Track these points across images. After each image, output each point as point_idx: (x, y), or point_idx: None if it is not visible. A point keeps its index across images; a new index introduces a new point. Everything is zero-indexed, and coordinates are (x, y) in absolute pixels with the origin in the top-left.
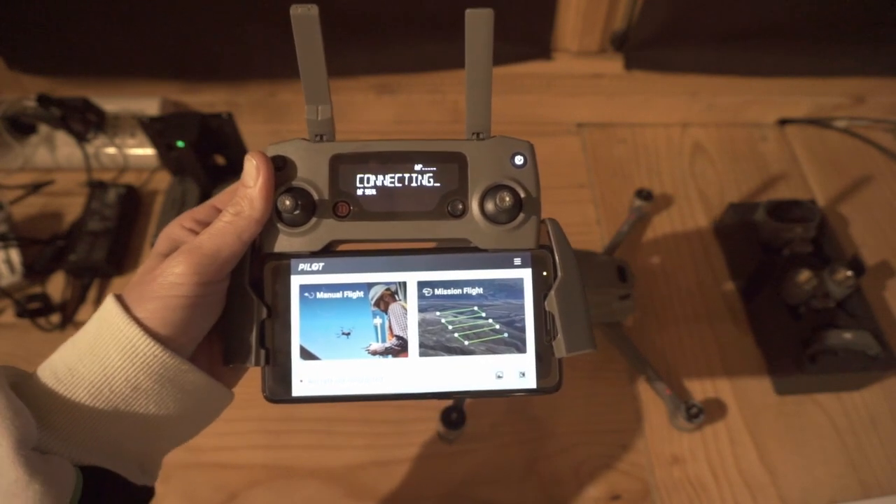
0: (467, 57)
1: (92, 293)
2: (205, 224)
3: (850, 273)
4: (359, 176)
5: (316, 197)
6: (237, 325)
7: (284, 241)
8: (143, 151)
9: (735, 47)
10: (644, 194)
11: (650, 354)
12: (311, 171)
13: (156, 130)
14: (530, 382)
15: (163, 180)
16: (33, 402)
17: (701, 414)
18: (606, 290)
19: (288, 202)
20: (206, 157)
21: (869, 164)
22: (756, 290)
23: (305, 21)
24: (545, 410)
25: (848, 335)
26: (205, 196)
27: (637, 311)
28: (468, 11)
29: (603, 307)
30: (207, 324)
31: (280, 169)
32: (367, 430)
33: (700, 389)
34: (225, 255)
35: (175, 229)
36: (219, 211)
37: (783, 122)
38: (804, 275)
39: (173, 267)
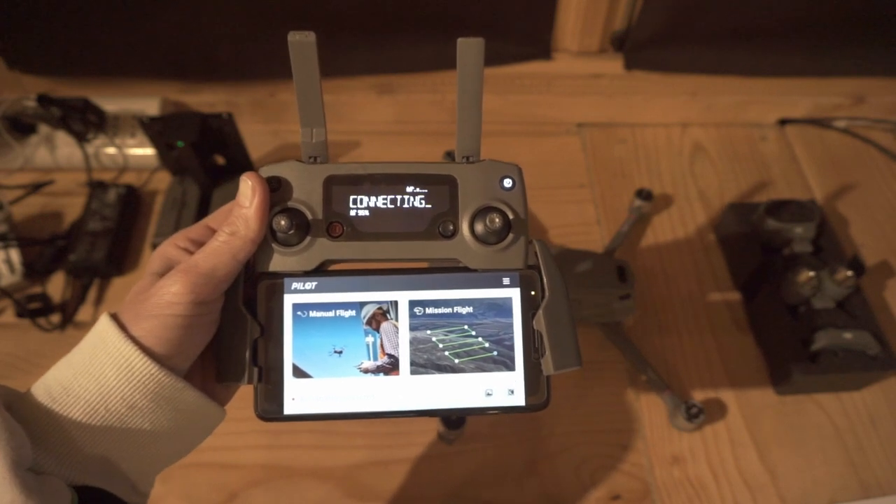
0: (458, 83)
1: (92, 293)
2: (199, 243)
3: (850, 273)
4: (352, 197)
5: (310, 217)
6: (230, 344)
7: (278, 261)
8: (143, 151)
9: (735, 47)
10: (644, 194)
11: (650, 354)
12: (306, 193)
13: (156, 130)
14: (519, 400)
15: (163, 180)
16: (28, 422)
17: (701, 414)
18: (606, 290)
19: (283, 222)
20: (206, 157)
21: (869, 165)
22: (756, 290)
23: (303, 47)
24: (545, 410)
25: (848, 335)
26: (205, 196)
27: (637, 312)
28: (460, 40)
29: (603, 307)
30: (202, 342)
31: (275, 190)
32: (367, 430)
33: (700, 389)
34: (220, 275)
35: (169, 248)
36: (212, 230)
37: (783, 122)
38: (804, 275)
39: (169, 286)
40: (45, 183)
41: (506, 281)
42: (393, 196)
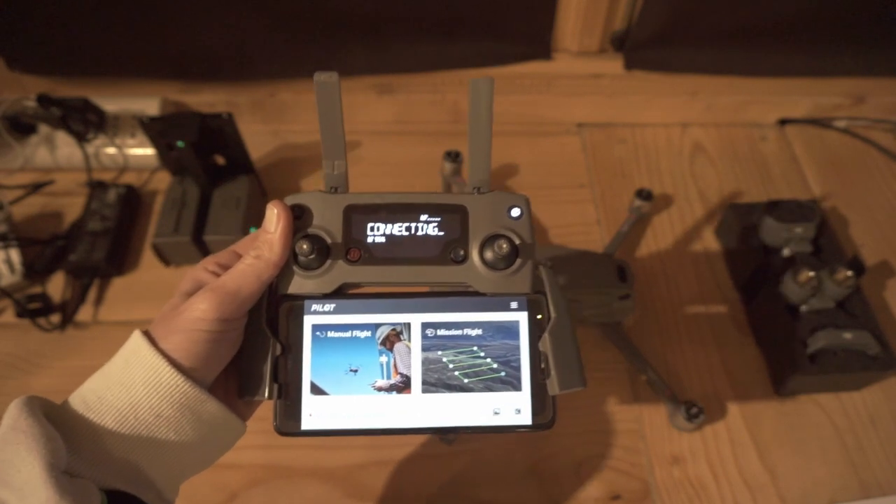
0: (470, 119)
1: (92, 293)
2: (226, 267)
3: (850, 273)
4: (369, 225)
5: (330, 242)
6: (253, 361)
7: (299, 283)
8: (143, 151)
9: (735, 47)
10: (644, 194)
11: (650, 354)
12: (327, 220)
13: (156, 130)
14: (526, 419)
15: (163, 180)
16: (64, 429)
17: (701, 414)
18: (606, 290)
19: (305, 246)
20: (206, 157)
21: (869, 165)
22: (756, 290)
23: (327, 87)
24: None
25: (848, 335)
26: (205, 196)
27: (637, 312)
28: (471, 80)
29: (603, 307)
30: (226, 358)
31: (298, 217)
32: None
33: (700, 389)
34: (245, 295)
35: (199, 272)
36: (239, 256)
37: (783, 122)
38: (804, 275)
39: (198, 304)
40: (45, 183)
41: (513, 305)
42: (408, 224)
